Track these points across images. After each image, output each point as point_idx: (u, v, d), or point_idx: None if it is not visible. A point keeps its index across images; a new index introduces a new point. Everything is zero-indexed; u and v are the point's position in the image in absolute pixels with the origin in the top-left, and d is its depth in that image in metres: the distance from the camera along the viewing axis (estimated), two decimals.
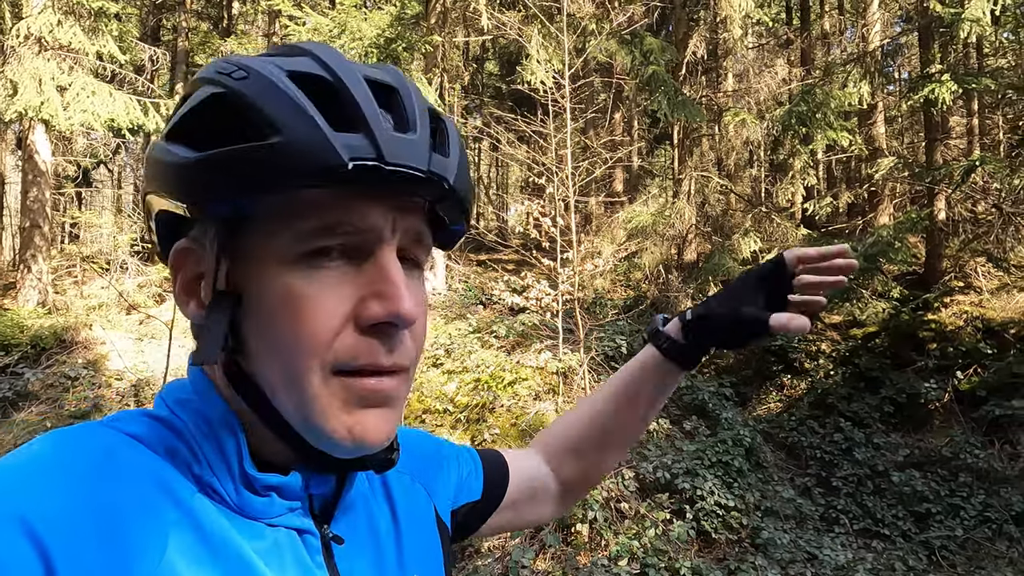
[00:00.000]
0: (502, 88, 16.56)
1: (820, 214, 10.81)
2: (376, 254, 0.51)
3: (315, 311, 0.49)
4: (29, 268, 9.55)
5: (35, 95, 8.61)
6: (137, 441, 0.50)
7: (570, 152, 6.49)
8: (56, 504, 0.42)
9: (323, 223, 0.49)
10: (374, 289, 0.50)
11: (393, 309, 0.49)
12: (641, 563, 4.48)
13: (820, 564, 5.33)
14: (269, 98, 0.47)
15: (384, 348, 0.51)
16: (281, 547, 0.53)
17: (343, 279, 0.50)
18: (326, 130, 0.47)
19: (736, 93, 11.62)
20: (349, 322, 0.50)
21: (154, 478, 0.48)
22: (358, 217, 0.50)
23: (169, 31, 18.43)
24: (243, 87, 0.48)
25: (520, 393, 6.63)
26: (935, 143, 9.18)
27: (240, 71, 0.49)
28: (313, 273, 0.50)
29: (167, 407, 0.55)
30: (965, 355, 7.68)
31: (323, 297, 0.49)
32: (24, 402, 6.98)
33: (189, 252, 0.54)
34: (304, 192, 0.49)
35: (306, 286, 0.49)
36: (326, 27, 8.56)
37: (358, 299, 0.50)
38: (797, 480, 6.91)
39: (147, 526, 0.45)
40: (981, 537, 5.89)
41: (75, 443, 0.48)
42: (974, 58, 11.71)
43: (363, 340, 0.50)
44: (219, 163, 0.48)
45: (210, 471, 0.51)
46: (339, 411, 0.50)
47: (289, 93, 0.48)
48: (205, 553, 0.47)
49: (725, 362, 8.92)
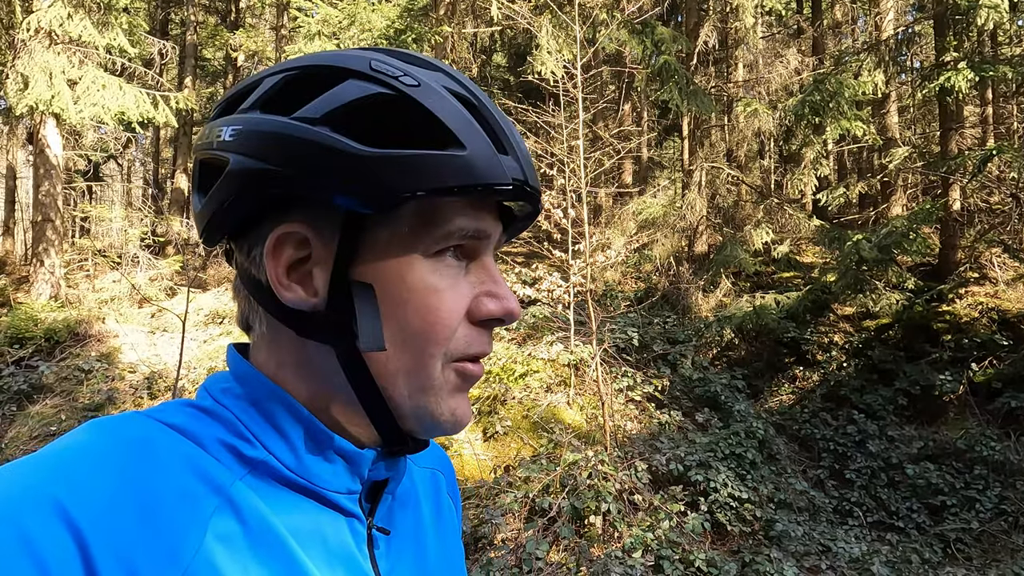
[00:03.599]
0: (510, 80, 16.49)
1: (832, 205, 10.74)
2: (482, 257, 0.57)
3: (446, 304, 0.54)
4: (42, 262, 9.61)
5: (46, 89, 8.64)
6: (176, 431, 0.50)
7: (582, 143, 6.44)
8: (93, 491, 0.42)
9: (461, 228, 0.54)
10: (487, 289, 0.56)
11: (508, 308, 0.56)
12: (655, 555, 4.46)
13: (834, 556, 5.31)
14: (447, 112, 0.52)
15: (489, 339, 0.58)
16: (325, 532, 0.53)
17: (459, 277, 0.55)
18: (494, 151, 0.53)
19: (747, 83, 11.52)
20: (465, 316, 0.55)
21: (192, 467, 0.48)
22: (484, 225, 0.56)
23: (177, 25, 18.47)
24: (417, 95, 0.52)
25: (532, 385, 6.62)
26: (950, 132, 9.07)
27: (408, 77, 0.52)
28: (443, 270, 0.54)
29: (211, 397, 0.55)
30: (980, 346, 7.61)
31: (450, 292, 0.54)
32: (39, 394, 7.03)
33: (294, 236, 0.54)
34: (452, 198, 0.53)
35: (440, 281, 0.54)
36: (335, 18, 8.54)
37: (472, 296, 0.56)
38: (810, 472, 6.88)
39: (184, 514, 0.45)
40: (997, 530, 5.85)
41: (113, 432, 0.48)
42: (988, 46, 11.55)
43: (476, 331, 0.56)
44: (406, 163, 0.50)
45: (263, 449, 0.51)
46: (448, 395, 0.56)
47: (461, 110, 0.53)
48: (245, 541, 0.47)
49: (737, 354, 8.88)
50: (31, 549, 0.39)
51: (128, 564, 0.41)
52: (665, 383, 7.19)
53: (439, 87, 0.53)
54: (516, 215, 0.61)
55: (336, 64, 0.53)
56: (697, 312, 9.24)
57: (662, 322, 8.91)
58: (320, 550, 0.51)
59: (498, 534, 4.59)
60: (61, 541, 0.40)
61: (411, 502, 0.66)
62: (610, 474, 5.04)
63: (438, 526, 0.69)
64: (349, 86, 0.52)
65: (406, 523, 0.63)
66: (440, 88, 0.53)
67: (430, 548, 0.65)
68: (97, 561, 0.40)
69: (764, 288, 9.79)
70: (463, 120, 0.52)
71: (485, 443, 6.05)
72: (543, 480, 5.02)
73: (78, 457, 0.45)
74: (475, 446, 5.94)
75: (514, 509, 4.80)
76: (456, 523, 0.74)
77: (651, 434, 6.30)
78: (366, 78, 0.52)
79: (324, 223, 0.53)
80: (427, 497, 0.69)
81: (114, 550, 0.41)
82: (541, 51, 8.07)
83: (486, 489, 5.16)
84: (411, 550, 0.62)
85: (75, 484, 0.42)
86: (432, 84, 0.53)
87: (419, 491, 0.68)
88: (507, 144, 0.54)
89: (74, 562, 0.40)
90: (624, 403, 6.69)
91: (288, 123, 0.51)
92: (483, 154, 0.52)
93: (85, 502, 0.42)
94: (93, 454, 0.45)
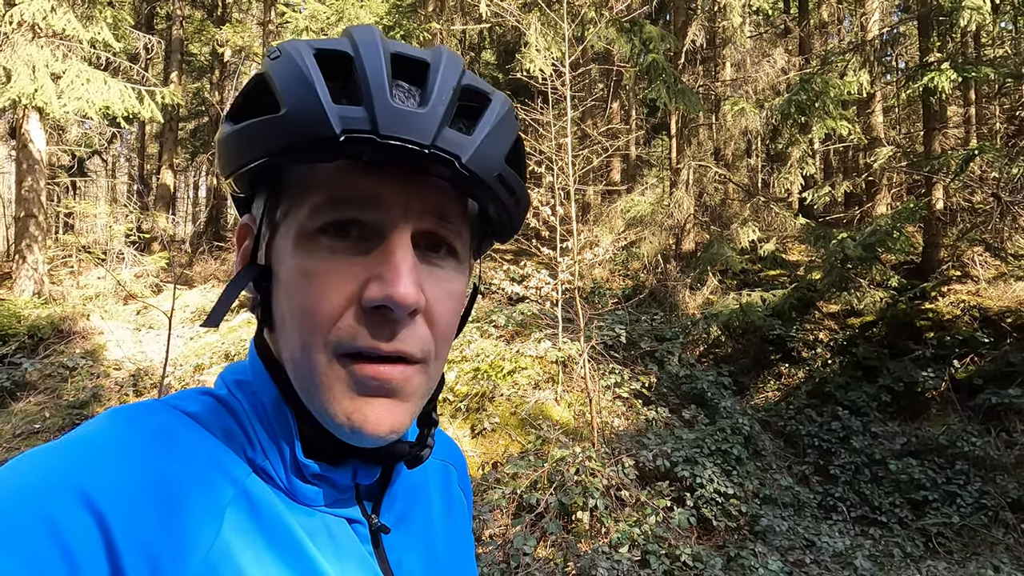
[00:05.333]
0: (499, 77, 16.48)
1: (818, 204, 10.82)
2: (388, 235, 0.50)
3: (321, 288, 0.49)
4: (24, 258, 9.49)
5: (28, 83, 8.53)
6: (194, 420, 0.51)
7: (570, 140, 6.46)
8: (116, 478, 0.43)
9: (329, 196, 0.49)
10: (376, 271, 0.49)
11: (388, 292, 0.48)
12: (642, 550, 4.50)
13: (818, 551, 5.37)
14: (283, 75, 0.49)
15: (385, 333, 0.49)
16: (332, 531, 0.53)
17: (353, 259, 0.50)
18: (325, 102, 0.47)
19: (735, 82, 11.58)
20: (354, 304, 0.49)
21: (210, 456, 0.48)
22: (365, 193, 0.49)
23: (163, 19, 18.27)
24: (271, 67, 0.51)
25: (520, 382, 6.64)
26: (933, 132, 9.17)
27: (276, 52, 0.51)
28: (320, 250, 0.50)
29: (227, 387, 0.55)
30: (962, 344, 7.71)
31: (331, 275, 0.49)
32: (22, 392, 6.96)
33: (245, 228, 0.57)
34: (319, 167, 0.50)
35: (316, 263, 0.50)
36: (323, 14, 8.49)
37: (363, 280, 0.49)
38: (795, 468, 6.95)
39: (204, 503, 0.45)
40: (977, 524, 5.94)
41: (133, 421, 0.48)
42: (972, 47, 11.69)
43: (366, 322, 0.49)
44: (243, 133, 0.50)
45: (263, 455, 0.52)
46: (341, 395, 0.50)
47: (303, 69, 0.48)
48: (259, 532, 0.48)
49: (724, 351, 8.95)
50: (57, 536, 0.40)
51: (149, 552, 0.42)
52: (652, 380, 7.23)
53: (305, 51, 0.50)
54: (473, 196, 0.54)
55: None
56: (684, 309, 9.30)
57: (649, 319, 8.96)
58: (329, 545, 0.52)
59: (486, 530, 4.60)
60: (86, 528, 0.41)
61: (421, 494, 0.66)
62: (597, 470, 5.07)
63: (448, 518, 0.68)
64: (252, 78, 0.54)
65: (415, 515, 0.63)
66: (304, 52, 0.50)
67: (440, 540, 0.65)
68: (120, 548, 0.41)
69: (750, 286, 9.85)
70: (295, 79, 0.48)
71: (473, 440, 6.06)
72: (531, 476, 5.05)
73: (101, 445, 0.45)
74: (463, 443, 5.94)
75: (502, 505, 4.81)
76: (466, 515, 0.74)
77: (638, 430, 6.33)
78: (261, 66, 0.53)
79: (258, 211, 0.56)
80: (438, 489, 0.69)
81: (136, 538, 0.42)
82: (530, 48, 8.07)
83: (474, 486, 5.17)
84: (421, 542, 0.62)
85: (99, 472, 0.43)
86: (295, 51, 0.50)
87: (430, 483, 0.68)
88: (366, 94, 0.47)
89: (98, 549, 0.41)
90: (612, 400, 6.73)
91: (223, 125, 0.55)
92: (305, 109, 0.47)
93: (109, 490, 0.42)
94: (116, 442, 0.46)
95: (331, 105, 0.47)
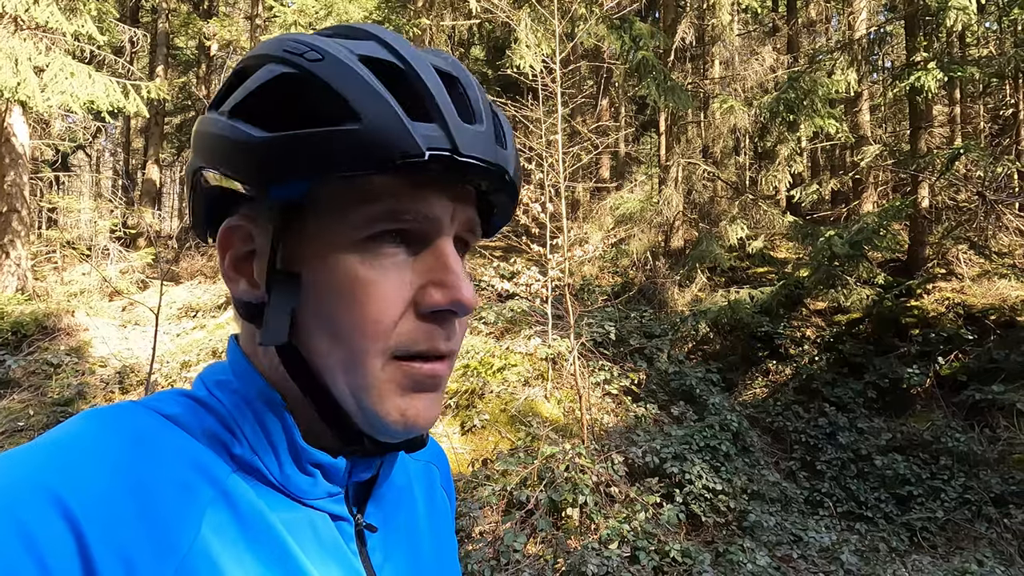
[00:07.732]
0: (488, 74, 16.43)
1: (805, 201, 10.89)
2: (436, 242, 0.52)
3: (378, 296, 0.50)
4: (7, 254, 9.37)
5: (11, 76, 8.40)
6: (172, 422, 0.50)
7: (560, 137, 6.46)
8: (90, 482, 0.42)
9: (390, 209, 0.49)
10: (434, 277, 0.51)
11: (456, 297, 0.51)
12: (631, 546, 4.52)
13: (805, 546, 5.42)
14: (346, 83, 0.48)
15: (443, 334, 0.52)
16: (317, 528, 0.53)
17: (403, 265, 0.51)
18: (404, 119, 0.47)
19: (723, 80, 11.64)
20: (410, 308, 0.51)
21: (188, 458, 0.47)
22: (425, 206, 0.50)
23: (148, 12, 18.06)
24: (317, 69, 0.48)
25: (509, 379, 6.64)
26: (919, 131, 9.26)
27: (313, 52, 0.49)
28: (375, 258, 0.50)
29: (206, 388, 0.54)
30: (947, 341, 7.80)
31: (385, 282, 0.50)
32: (5, 389, 6.87)
33: (239, 230, 0.54)
34: (375, 177, 0.49)
35: (369, 271, 0.50)
36: (312, 8, 8.43)
37: (419, 286, 0.51)
38: (782, 464, 7.01)
39: (182, 505, 0.45)
40: (961, 519, 6.02)
41: (109, 423, 0.47)
42: (957, 47, 11.80)
43: (423, 326, 0.51)
44: (295, 145, 0.48)
45: (250, 450, 0.51)
46: (394, 395, 0.51)
47: (365, 78, 0.48)
48: (240, 533, 0.47)
49: (712, 348, 9.00)
50: (28, 541, 0.39)
51: (125, 556, 0.41)
52: (641, 377, 7.26)
53: (350, 56, 0.49)
54: (492, 201, 0.57)
55: (259, 52, 0.52)
56: (673, 306, 9.34)
57: (639, 316, 8.99)
58: (313, 544, 0.51)
59: (476, 527, 4.61)
60: (58, 533, 0.40)
61: (405, 495, 0.66)
62: (587, 467, 5.08)
63: (431, 519, 0.68)
64: (262, 71, 0.51)
65: (399, 516, 0.63)
66: (350, 57, 0.49)
67: (423, 541, 0.65)
68: (94, 553, 0.40)
69: (739, 283, 9.92)
70: (364, 89, 0.47)
71: (463, 437, 6.06)
72: (521, 473, 5.05)
73: (75, 447, 0.44)
74: (453, 440, 5.94)
75: (492, 502, 4.82)
76: (449, 516, 0.74)
77: (627, 427, 6.36)
78: (277, 60, 0.50)
79: (262, 214, 0.53)
80: (421, 490, 0.69)
81: (111, 542, 0.41)
82: (520, 45, 8.06)
83: (464, 482, 5.17)
84: (404, 543, 0.62)
85: (72, 475, 0.42)
86: (340, 55, 0.49)
87: (414, 484, 0.68)
88: (435, 111, 0.48)
89: (71, 554, 0.40)
90: (601, 396, 6.75)
91: (210, 118, 0.53)
92: (385, 124, 0.47)
93: (82, 493, 0.41)
94: (90, 444, 0.45)
95: (412, 123, 0.47)
